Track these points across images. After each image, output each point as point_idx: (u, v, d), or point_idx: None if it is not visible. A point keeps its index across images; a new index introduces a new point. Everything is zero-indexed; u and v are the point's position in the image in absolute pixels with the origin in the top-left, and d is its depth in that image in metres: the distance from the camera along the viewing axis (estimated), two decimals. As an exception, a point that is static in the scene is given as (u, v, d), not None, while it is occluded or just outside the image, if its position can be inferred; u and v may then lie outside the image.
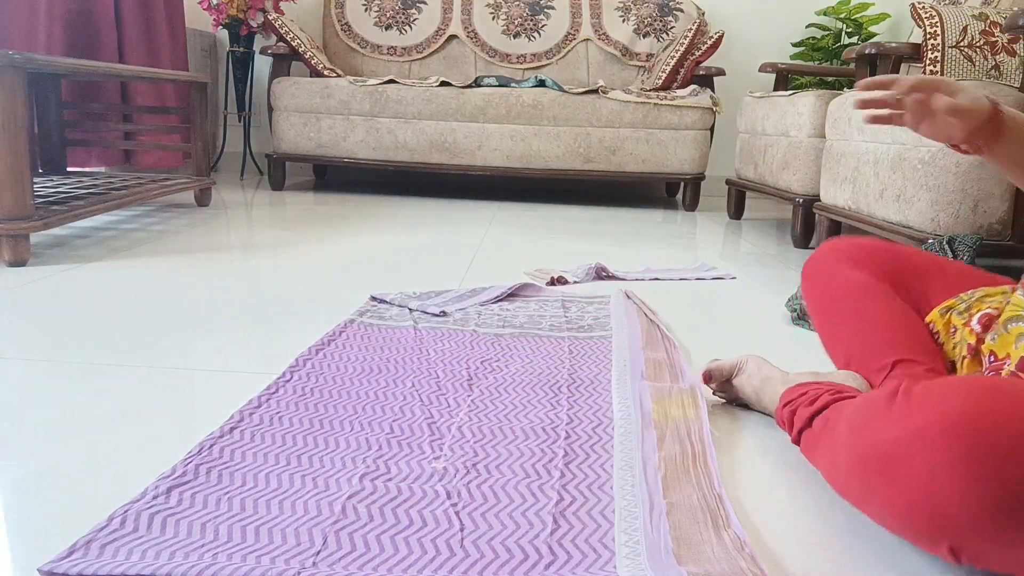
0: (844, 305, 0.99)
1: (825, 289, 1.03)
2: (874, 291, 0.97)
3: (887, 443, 0.61)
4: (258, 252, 1.97)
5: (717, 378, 1.05)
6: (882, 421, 0.63)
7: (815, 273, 1.07)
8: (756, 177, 2.83)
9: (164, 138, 3.16)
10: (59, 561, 0.62)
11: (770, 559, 0.70)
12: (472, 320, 1.40)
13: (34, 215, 1.73)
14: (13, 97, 1.64)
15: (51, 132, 2.62)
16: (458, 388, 1.07)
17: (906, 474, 0.60)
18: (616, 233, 2.57)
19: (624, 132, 3.14)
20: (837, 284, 1.01)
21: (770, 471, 0.87)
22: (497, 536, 0.70)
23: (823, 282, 1.04)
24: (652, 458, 0.86)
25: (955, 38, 2.05)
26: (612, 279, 1.83)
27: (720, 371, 1.05)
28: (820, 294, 1.05)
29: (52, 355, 1.15)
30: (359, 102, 3.12)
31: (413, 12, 3.67)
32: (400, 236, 2.29)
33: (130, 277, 1.65)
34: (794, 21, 3.84)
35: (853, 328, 0.97)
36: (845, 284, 1.00)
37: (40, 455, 0.83)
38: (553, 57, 3.66)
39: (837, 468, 0.70)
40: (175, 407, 0.98)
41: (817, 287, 1.06)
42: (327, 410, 0.97)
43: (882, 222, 1.89)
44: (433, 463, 0.84)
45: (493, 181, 4.02)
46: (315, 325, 1.35)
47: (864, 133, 2.00)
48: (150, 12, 3.15)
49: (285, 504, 0.74)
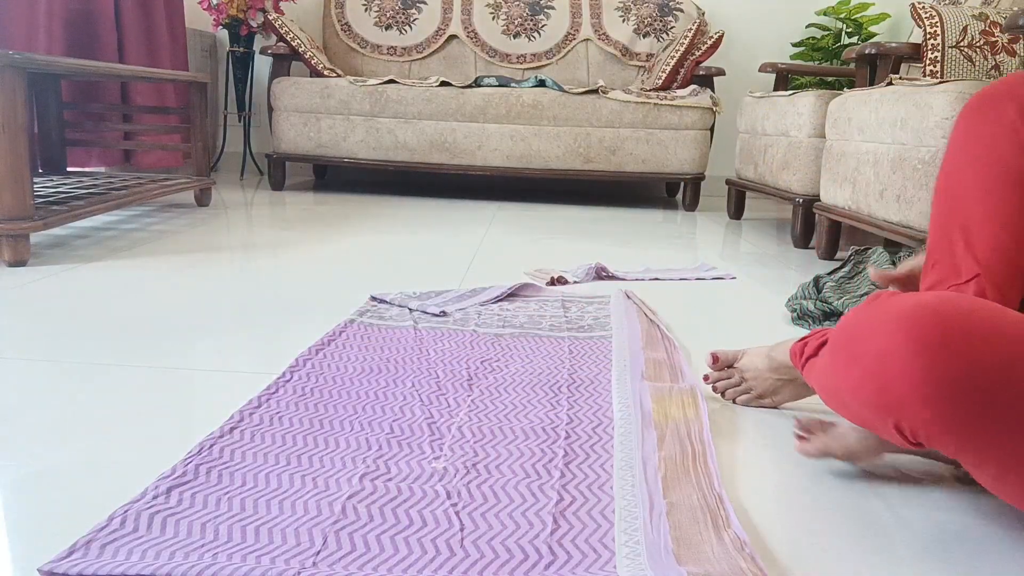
0: (982, 175, 0.88)
1: (980, 139, 0.90)
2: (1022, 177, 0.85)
3: (854, 325, 0.72)
4: (258, 252, 1.97)
5: (723, 360, 1.08)
6: (858, 314, 0.73)
7: (978, 121, 0.90)
8: (756, 177, 2.83)
9: (164, 138, 3.16)
10: (59, 561, 0.62)
11: (770, 559, 0.70)
12: (472, 320, 1.40)
13: (34, 215, 1.73)
14: (13, 97, 1.64)
15: (51, 132, 2.62)
16: (458, 388, 1.07)
17: (863, 350, 0.69)
18: (616, 233, 2.57)
19: (624, 132, 3.14)
20: (993, 142, 0.87)
21: (770, 471, 0.87)
22: (497, 536, 0.70)
23: (982, 126, 0.89)
24: (652, 458, 0.86)
25: (955, 38, 2.05)
26: (612, 279, 1.83)
27: (725, 354, 1.08)
28: (971, 142, 0.90)
29: (52, 355, 1.15)
30: (359, 102, 3.12)
31: (413, 12, 3.67)
32: (400, 236, 2.29)
33: (130, 277, 1.65)
34: (794, 21, 3.84)
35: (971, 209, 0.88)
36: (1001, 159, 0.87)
37: (40, 455, 0.83)
38: (553, 57, 3.66)
39: (824, 369, 0.78)
40: (175, 407, 0.98)
41: (973, 130, 0.90)
42: (327, 410, 0.97)
43: (882, 222, 1.89)
44: (433, 463, 0.84)
45: (493, 181, 4.02)
46: (315, 325, 1.35)
47: (864, 133, 2.00)
48: (150, 12, 3.15)
49: (285, 504, 0.74)
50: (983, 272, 0.86)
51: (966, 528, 0.76)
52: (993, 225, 0.87)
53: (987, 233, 0.87)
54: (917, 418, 0.65)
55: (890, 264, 1.54)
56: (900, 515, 0.78)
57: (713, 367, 1.09)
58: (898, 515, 0.78)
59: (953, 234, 0.90)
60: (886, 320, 0.67)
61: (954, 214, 0.90)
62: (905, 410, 0.66)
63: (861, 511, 0.79)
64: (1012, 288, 0.86)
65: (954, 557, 0.71)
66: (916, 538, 0.74)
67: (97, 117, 2.89)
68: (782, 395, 1.05)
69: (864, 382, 0.69)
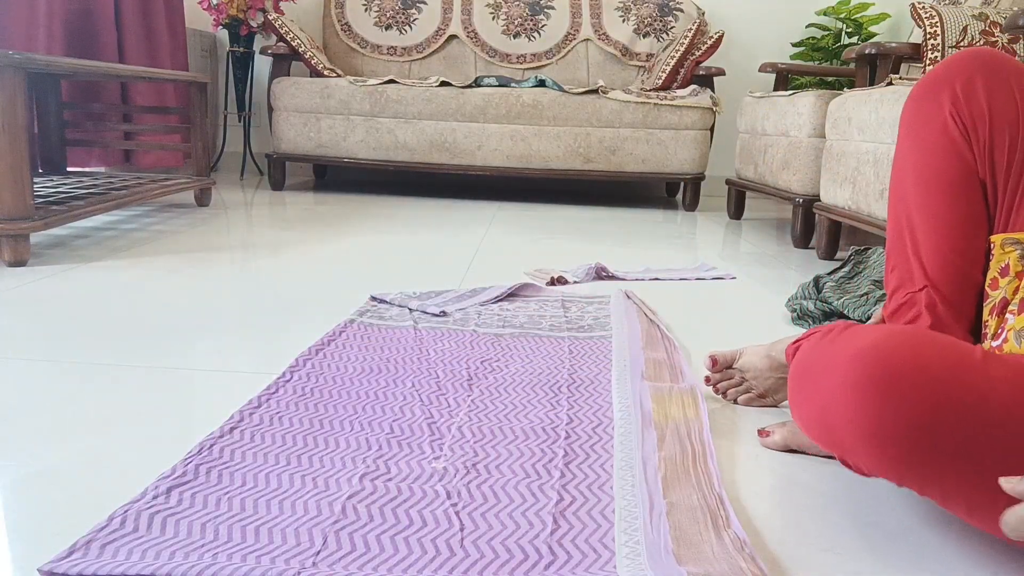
0: (919, 179, 0.86)
1: (917, 139, 0.88)
2: (956, 181, 0.84)
3: (812, 360, 0.71)
4: (258, 252, 1.97)
5: (722, 362, 1.07)
6: (818, 344, 0.71)
7: (920, 101, 0.88)
8: (756, 177, 2.83)
9: (164, 138, 3.16)
10: (59, 561, 0.62)
11: (770, 559, 0.70)
12: (472, 320, 1.40)
13: (34, 215, 1.73)
14: (13, 97, 1.64)
15: (51, 132, 2.62)
16: (458, 388, 1.07)
17: (816, 388, 0.69)
18: (616, 233, 2.57)
19: (624, 132, 3.14)
20: (927, 145, 0.86)
21: (770, 471, 0.87)
22: (497, 536, 0.70)
23: (920, 125, 0.88)
24: (652, 458, 0.86)
25: (955, 38, 2.05)
26: (612, 279, 1.83)
27: (724, 355, 1.08)
28: (909, 140, 0.89)
29: (52, 355, 1.15)
30: (359, 102, 3.12)
31: (413, 12, 3.67)
32: (400, 236, 2.29)
33: (130, 277, 1.65)
34: (794, 21, 3.84)
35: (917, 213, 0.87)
36: (934, 151, 0.85)
37: (40, 455, 0.83)
38: (553, 57, 3.66)
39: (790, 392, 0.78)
40: (175, 407, 0.98)
41: (912, 127, 0.89)
42: (327, 410, 0.97)
43: (882, 222, 1.89)
44: (433, 463, 0.84)
45: (493, 181, 4.02)
46: (315, 325, 1.35)
47: (864, 133, 2.00)
48: (150, 12, 3.15)
49: (285, 504, 0.74)
50: (930, 286, 0.85)
51: (965, 531, 0.76)
52: (935, 236, 0.85)
53: (930, 246, 0.86)
54: (860, 460, 0.67)
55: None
56: (901, 515, 0.78)
57: (712, 370, 1.08)
58: (899, 516, 0.78)
59: (904, 237, 0.89)
60: (835, 362, 0.66)
61: (901, 218, 0.90)
62: (847, 452, 0.67)
63: (861, 511, 0.79)
64: (964, 300, 0.84)
65: (954, 557, 0.71)
66: (917, 538, 0.74)
67: (97, 117, 2.89)
68: (782, 393, 1.05)
69: (813, 421, 0.70)
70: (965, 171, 0.84)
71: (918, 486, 0.65)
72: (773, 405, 1.06)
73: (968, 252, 0.84)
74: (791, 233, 2.54)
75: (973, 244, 0.84)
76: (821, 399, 0.68)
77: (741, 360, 1.07)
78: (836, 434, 0.67)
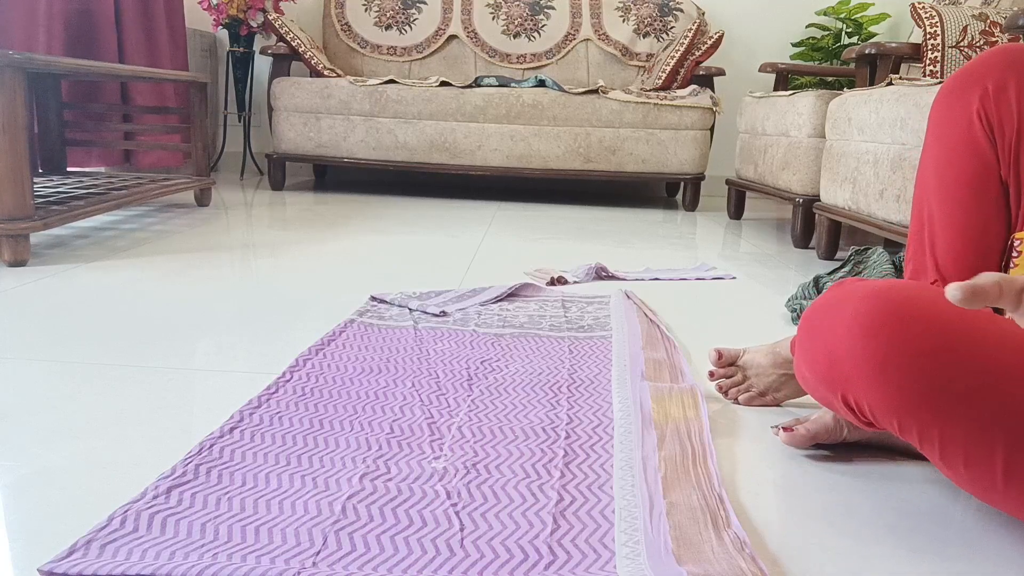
0: (938, 174, 0.87)
1: (941, 134, 0.87)
2: (974, 179, 0.84)
3: (818, 305, 0.76)
4: (258, 252, 1.97)
5: (726, 358, 1.08)
6: (826, 294, 0.76)
7: (949, 98, 0.87)
8: (756, 177, 2.83)
9: (164, 138, 3.16)
10: (59, 561, 0.62)
11: (770, 559, 0.70)
12: (472, 320, 1.40)
13: (34, 215, 1.73)
14: (13, 97, 1.64)
15: (51, 132, 2.62)
16: (458, 388, 1.07)
17: (821, 326, 0.73)
18: (616, 233, 2.57)
19: (624, 132, 3.14)
20: (949, 142, 0.86)
21: (771, 471, 0.87)
22: (497, 536, 0.70)
23: (945, 121, 0.87)
24: (652, 458, 0.86)
25: (955, 38, 2.05)
26: (612, 279, 1.83)
27: (728, 351, 1.09)
28: (934, 134, 0.88)
29: (52, 355, 1.15)
30: (359, 102, 3.12)
31: (413, 12, 3.67)
32: (400, 236, 2.29)
33: (130, 277, 1.65)
34: (794, 21, 3.84)
35: (936, 213, 0.88)
36: (957, 149, 0.85)
37: (40, 455, 0.83)
38: (553, 57, 3.66)
39: (798, 345, 0.81)
40: (175, 407, 0.98)
41: (939, 121, 0.88)
42: (327, 410, 0.97)
43: (882, 222, 1.89)
44: (433, 463, 0.84)
45: (493, 181, 4.02)
46: (315, 325, 1.35)
47: (864, 133, 2.00)
48: (150, 12, 3.15)
49: (285, 504, 0.74)
50: (941, 280, 0.86)
51: (965, 529, 0.76)
52: (950, 232, 0.87)
53: (945, 240, 0.87)
54: (864, 394, 0.68)
55: (890, 264, 1.54)
56: (901, 516, 0.78)
57: (717, 364, 1.09)
58: (899, 516, 0.78)
59: (923, 230, 0.91)
60: (844, 301, 0.71)
61: (922, 209, 0.91)
62: (852, 387, 0.69)
63: (862, 511, 0.79)
64: None
65: (955, 557, 0.71)
66: (917, 538, 0.74)
67: (97, 117, 2.89)
68: (784, 391, 1.05)
69: (819, 355, 0.73)
70: (984, 170, 0.84)
71: (919, 429, 0.66)
72: (774, 404, 1.06)
73: (982, 250, 0.85)
74: (791, 233, 2.54)
75: (988, 242, 0.85)
76: (830, 334, 0.70)
77: (744, 358, 1.08)
78: (842, 366, 0.69)
